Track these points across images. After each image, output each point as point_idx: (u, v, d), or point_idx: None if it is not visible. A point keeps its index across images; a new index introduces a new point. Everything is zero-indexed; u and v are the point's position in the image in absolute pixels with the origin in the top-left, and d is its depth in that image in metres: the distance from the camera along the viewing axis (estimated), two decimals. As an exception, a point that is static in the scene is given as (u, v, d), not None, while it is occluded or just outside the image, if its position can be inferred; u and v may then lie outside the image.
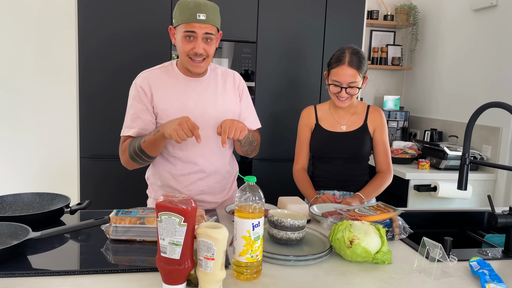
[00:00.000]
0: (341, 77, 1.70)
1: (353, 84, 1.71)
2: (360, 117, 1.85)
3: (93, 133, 2.66)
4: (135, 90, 1.57)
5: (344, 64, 1.70)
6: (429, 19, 3.55)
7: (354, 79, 1.70)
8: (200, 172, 1.61)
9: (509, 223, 1.27)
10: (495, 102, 1.35)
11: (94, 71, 2.62)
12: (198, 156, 1.59)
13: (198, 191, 1.64)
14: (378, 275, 1.10)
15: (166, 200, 0.92)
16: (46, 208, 1.43)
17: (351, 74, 1.69)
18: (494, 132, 2.75)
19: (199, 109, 1.56)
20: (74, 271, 1.02)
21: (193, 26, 1.42)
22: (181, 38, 1.45)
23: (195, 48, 1.44)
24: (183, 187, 1.62)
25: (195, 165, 1.60)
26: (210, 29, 1.45)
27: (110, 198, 2.72)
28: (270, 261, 1.14)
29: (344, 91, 1.73)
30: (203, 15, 1.40)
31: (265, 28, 2.79)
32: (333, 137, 1.83)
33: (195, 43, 1.44)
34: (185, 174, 1.61)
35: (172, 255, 0.92)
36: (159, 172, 1.65)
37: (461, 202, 2.72)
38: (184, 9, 1.42)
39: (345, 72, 1.69)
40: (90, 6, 2.56)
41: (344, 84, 1.71)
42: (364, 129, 1.83)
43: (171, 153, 1.60)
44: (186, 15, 1.41)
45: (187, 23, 1.42)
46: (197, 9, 1.40)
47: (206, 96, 1.58)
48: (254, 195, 1.02)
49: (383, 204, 1.48)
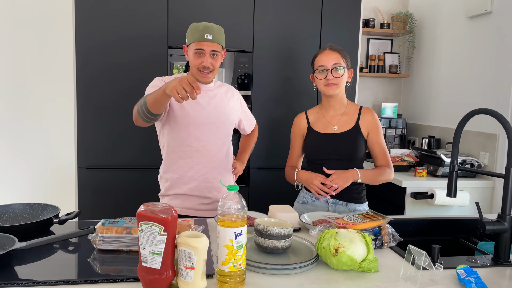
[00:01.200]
0: (325, 61, 1.78)
1: (338, 65, 1.77)
2: (352, 118, 1.86)
3: (91, 143, 2.68)
4: (152, 82, 1.79)
5: (326, 50, 1.81)
6: (425, 26, 3.56)
7: (337, 61, 1.77)
8: (210, 162, 1.83)
9: (497, 230, 1.26)
10: (482, 109, 1.35)
11: (92, 81, 2.65)
12: (206, 146, 1.81)
13: (212, 178, 1.84)
14: (363, 284, 1.09)
15: (146, 210, 0.93)
16: (36, 219, 1.44)
17: (334, 57, 1.78)
18: (491, 139, 2.74)
19: (211, 106, 1.83)
20: (58, 281, 1.03)
21: (201, 44, 1.71)
22: (192, 55, 1.75)
23: (203, 62, 1.73)
24: (200, 175, 1.82)
25: (204, 156, 1.81)
26: (216, 47, 1.74)
27: (108, 209, 2.73)
28: (256, 270, 1.14)
29: (330, 74, 1.77)
30: (210, 35, 1.71)
31: (261, 38, 2.81)
32: (326, 139, 1.84)
33: (203, 58, 1.73)
34: (201, 163, 1.82)
35: (153, 264, 0.92)
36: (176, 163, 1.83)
37: (459, 210, 2.70)
38: (195, 30, 1.72)
39: (328, 56, 1.78)
40: (88, 16, 2.60)
41: (329, 66, 1.77)
42: (356, 130, 1.83)
43: (188, 143, 1.80)
44: (196, 35, 1.71)
45: (197, 42, 1.71)
46: (205, 31, 1.70)
47: (215, 99, 1.86)
48: (236, 204, 1.02)
49: (373, 211, 1.47)
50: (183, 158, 1.81)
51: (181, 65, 2.75)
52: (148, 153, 2.74)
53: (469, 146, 2.95)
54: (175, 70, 2.75)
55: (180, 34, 2.71)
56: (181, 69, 2.76)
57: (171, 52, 2.72)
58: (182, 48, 2.70)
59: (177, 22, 2.70)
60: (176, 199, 1.85)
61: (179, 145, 1.80)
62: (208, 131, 1.80)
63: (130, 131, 2.71)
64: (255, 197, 2.90)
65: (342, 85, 1.81)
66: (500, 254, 1.28)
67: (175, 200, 1.85)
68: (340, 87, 1.80)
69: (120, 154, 2.72)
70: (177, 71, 2.75)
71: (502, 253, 1.28)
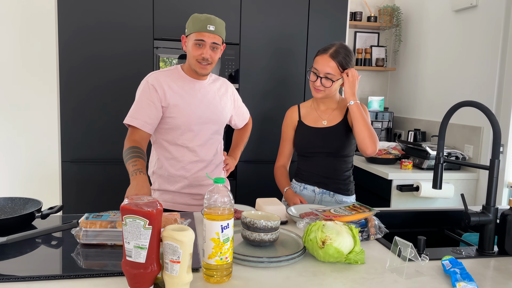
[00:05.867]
0: (320, 66, 1.74)
1: (329, 76, 1.73)
2: (341, 112, 1.86)
3: (75, 136, 2.63)
4: (145, 86, 1.73)
5: (326, 54, 1.74)
6: (411, 20, 3.58)
7: (331, 71, 1.73)
8: (201, 161, 1.81)
9: (482, 222, 1.27)
10: (468, 101, 1.36)
11: (75, 73, 2.59)
12: (197, 146, 1.79)
13: (203, 176, 1.82)
14: (350, 275, 1.09)
15: (131, 203, 0.91)
16: (18, 213, 1.41)
17: (331, 65, 1.72)
18: (475, 132, 2.78)
19: (203, 105, 1.79)
20: (40, 276, 1.00)
21: (203, 35, 1.66)
22: (192, 45, 1.69)
23: (203, 54, 1.68)
24: (191, 174, 1.80)
25: (196, 155, 1.80)
26: (217, 39, 1.69)
27: (92, 202, 2.69)
28: (243, 263, 1.13)
29: (319, 81, 1.75)
30: (212, 26, 1.66)
31: (248, 30, 2.78)
32: (314, 133, 1.85)
33: (203, 50, 1.68)
34: (192, 162, 1.80)
35: (138, 258, 0.90)
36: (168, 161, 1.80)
37: (444, 202, 2.73)
38: (196, 20, 1.67)
39: (325, 62, 1.73)
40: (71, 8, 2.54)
41: (321, 73, 1.74)
42: (344, 124, 1.83)
43: (180, 143, 1.77)
44: (198, 26, 1.66)
45: (199, 32, 1.66)
46: (208, 22, 1.66)
47: (208, 97, 1.82)
48: (223, 197, 1.01)
49: (359, 204, 1.48)
50: (174, 157, 1.79)
51: (168, 57, 2.71)
52: (134, 147, 2.70)
53: (454, 139, 2.98)
54: (161, 63, 2.70)
55: (166, 25, 2.67)
56: (168, 62, 2.72)
57: (156, 45, 2.68)
58: (168, 40, 2.68)
59: (163, 13, 2.66)
60: (168, 195, 1.83)
61: (171, 144, 1.78)
62: (200, 131, 1.78)
63: (114, 124, 2.67)
64: (242, 190, 2.89)
65: (329, 92, 1.78)
66: (484, 245, 1.30)
67: (166, 195, 1.83)
68: (326, 93, 1.79)
69: (104, 147, 2.68)
70: (164, 64, 2.71)
71: (486, 244, 1.29)
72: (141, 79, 1.80)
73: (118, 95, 2.65)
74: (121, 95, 2.66)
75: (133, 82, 2.64)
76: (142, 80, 1.78)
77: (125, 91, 2.65)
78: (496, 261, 1.24)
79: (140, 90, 1.74)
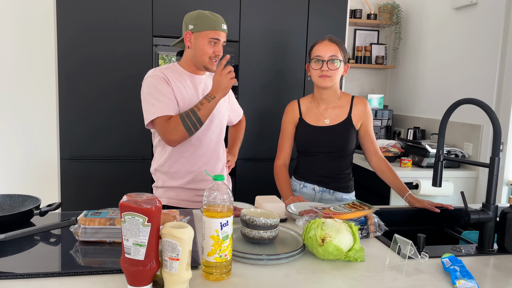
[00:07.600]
0: (322, 51, 1.75)
1: (334, 57, 1.74)
2: (344, 110, 1.84)
3: (73, 134, 2.63)
4: (156, 80, 1.72)
5: (324, 40, 1.78)
6: (411, 18, 3.57)
7: (335, 53, 1.75)
8: (204, 155, 1.82)
9: (482, 220, 1.27)
10: (468, 99, 1.35)
11: (74, 71, 2.59)
12: (201, 138, 1.80)
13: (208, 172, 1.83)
14: (350, 273, 1.09)
15: (129, 200, 0.90)
16: (16, 210, 1.40)
17: (332, 48, 1.75)
18: (475, 130, 2.77)
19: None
20: (38, 273, 1.00)
21: (219, 34, 1.72)
22: (206, 43, 1.72)
23: (216, 51, 1.74)
24: (196, 168, 1.81)
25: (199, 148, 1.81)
26: (226, 38, 1.83)
27: (91, 200, 2.69)
28: (242, 260, 1.13)
29: (326, 65, 1.74)
30: (225, 26, 1.74)
31: (247, 28, 2.78)
32: (317, 132, 1.82)
33: (217, 48, 1.74)
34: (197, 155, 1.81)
35: (136, 256, 0.90)
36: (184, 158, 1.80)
37: (443, 200, 2.73)
38: (207, 19, 1.70)
39: (326, 47, 1.76)
40: (70, 5, 2.53)
41: (326, 57, 1.74)
42: (348, 123, 1.82)
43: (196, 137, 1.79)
44: (212, 24, 1.70)
45: (215, 31, 1.71)
46: (221, 21, 1.73)
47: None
48: (222, 194, 1.01)
49: (359, 201, 1.47)
50: (179, 153, 1.79)
51: (167, 55, 2.70)
52: (131, 144, 2.70)
53: (454, 137, 2.98)
54: (161, 60, 2.70)
55: (165, 23, 2.66)
56: (167, 59, 2.71)
57: (156, 42, 2.67)
58: (167, 37, 2.67)
59: (162, 10, 2.65)
60: (171, 191, 1.82)
61: None
62: (204, 126, 1.78)
63: (113, 121, 2.67)
64: (241, 188, 2.89)
65: (336, 79, 1.78)
66: (484, 243, 1.30)
67: (170, 192, 1.82)
68: (334, 80, 1.78)
69: (103, 144, 2.67)
70: (163, 61, 2.70)
71: (486, 242, 1.29)
72: (140, 76, 1.80)
73: (117, 93, 2.65)
74: (120, 92, 2.65)
75: (132, 79, 2.63)
76: (142, 79, 1.77)
77: (124, 88, 2.65)
78: (495, 259, 1.24)
79: (154, 83, 1.71)
